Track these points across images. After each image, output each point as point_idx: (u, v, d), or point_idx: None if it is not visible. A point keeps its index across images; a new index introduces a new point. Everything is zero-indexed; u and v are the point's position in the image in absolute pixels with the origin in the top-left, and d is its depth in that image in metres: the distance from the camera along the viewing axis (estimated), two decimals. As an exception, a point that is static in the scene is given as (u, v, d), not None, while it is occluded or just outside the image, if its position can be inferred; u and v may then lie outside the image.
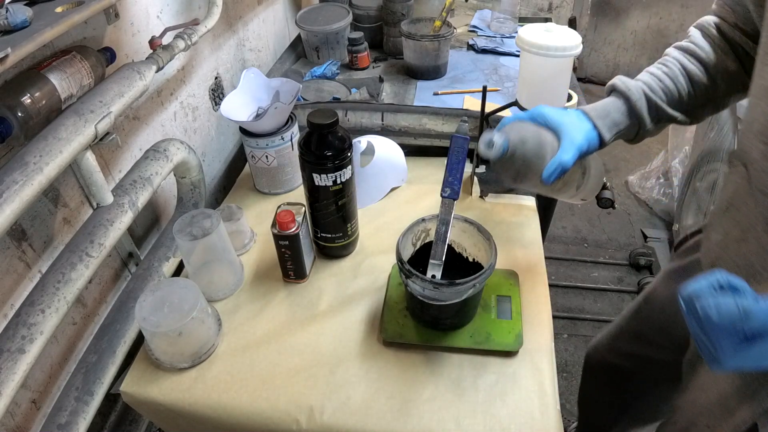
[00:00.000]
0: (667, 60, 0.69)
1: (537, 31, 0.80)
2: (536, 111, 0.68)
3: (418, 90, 1.30)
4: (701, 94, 0.68)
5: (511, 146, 0.63)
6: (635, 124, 0.68)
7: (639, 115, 0.67)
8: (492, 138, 0.62)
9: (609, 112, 0.68)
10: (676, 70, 0.68)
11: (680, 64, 0.68)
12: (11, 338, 0.61)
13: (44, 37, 0.58)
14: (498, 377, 0.72)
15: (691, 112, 0.69)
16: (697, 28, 0.70)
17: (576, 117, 0.67)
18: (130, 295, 0.83)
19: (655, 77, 0.68)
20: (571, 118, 0.66)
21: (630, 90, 0.67)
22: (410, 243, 0.77)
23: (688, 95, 0.68)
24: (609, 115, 0.67)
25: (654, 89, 0.67)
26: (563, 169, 0.63)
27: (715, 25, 0.68)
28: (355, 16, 1.45)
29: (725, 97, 0.69)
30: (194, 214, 0.81)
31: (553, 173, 0.63)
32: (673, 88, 0.67)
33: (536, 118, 0.67)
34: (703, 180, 1.82)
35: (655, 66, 0.70)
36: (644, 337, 0.92)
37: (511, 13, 1.55)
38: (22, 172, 0.59)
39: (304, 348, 0.77)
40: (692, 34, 0.70)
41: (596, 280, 1.91)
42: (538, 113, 0.67)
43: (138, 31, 0.90)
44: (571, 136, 0.64)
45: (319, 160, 0.78)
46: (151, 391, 0.73)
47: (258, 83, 1.05)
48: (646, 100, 0.67)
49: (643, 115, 0.67)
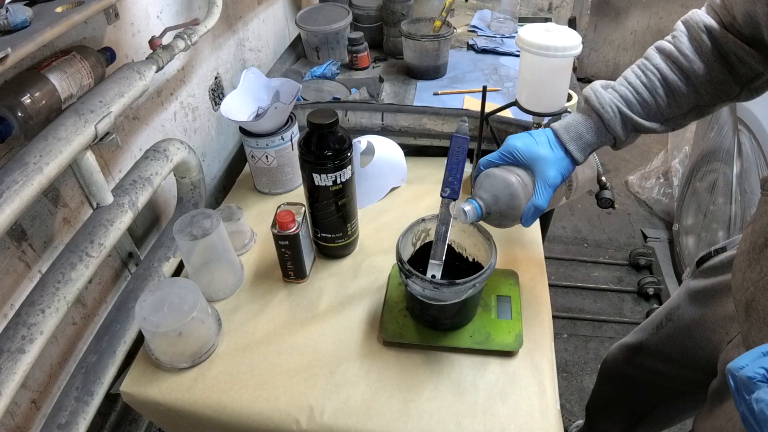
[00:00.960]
0: (647, 68, 0.65)
1: (537, 31, 0.80)
2: (505, 149, 0.68)
3: (418, 90, 1.30)
4: (683, 104, 0.65)
5: (485, 209, 0.66)
6: (610, 139, 0.67)
7: (613, 131, 0.66)
8: (464, 208, 0.65)
9: (581, 133, 0.66)
10: (656, 81, 0.64)
11: (660, 74, 0.64)
12: (11, 338, 0.61)
13: (44, 37, 0.58)
14: (498, 377, 0.72)
15: (671, 122, 0.67)
16: (685, 27, 0.64)
17: (548, 147, 0.66)
18: (130, 295, 0.83)
19: (631, 88, 0.65)
20: (543, 151, 0.66)
21: (603, 108, 0.65)
22: (410, 243, 0.77)
23: (667, 105, 0.65)
24: (581, 137, 0.66)
25: (630, 103, 0.65)
26: (540, 211, 0.66)
27: (705, 28, 0.62)
28: (355, 16, 1.45)
29: (710, 106, 0.65)
30: (194, 214, 0.81)
31: (531, 218, 0.66)
32: (651, 101, 0.64)
33: (507, 158, 0.68)
34: (703, 180, 1.82)
35: (633, 73, 0.66)
36: (667, 356, 0.89)
37: (511, 13, 1.55)
38: (22, 172, 0.59)
39: (304, 348, 0.77)
40: (678, 35, 0.64)
41: (596, 280, 1.91)
42: (507, 152, 0.68)
43: (138, 31, 0.90)
44: (544, 175, 0.65)
45: (319, 160, 0.78)
46: (151, 391, 0.73)
47: (258, 83, 1.05)
48: (620, 117, 0.65)
49: (618, 132, 0.66)
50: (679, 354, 0.86)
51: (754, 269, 0.58)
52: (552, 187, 0.65)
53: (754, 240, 0.60)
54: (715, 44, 0.61)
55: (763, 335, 0.54)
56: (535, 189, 0.66)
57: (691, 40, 0.63)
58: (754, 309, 0.56)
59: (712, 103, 0.65)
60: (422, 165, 1.13)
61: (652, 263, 1.94)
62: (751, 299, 0.58)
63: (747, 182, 1.51)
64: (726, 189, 1.63)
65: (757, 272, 0.57)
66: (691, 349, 0.82)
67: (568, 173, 0.67)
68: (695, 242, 1.82)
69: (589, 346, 1.68)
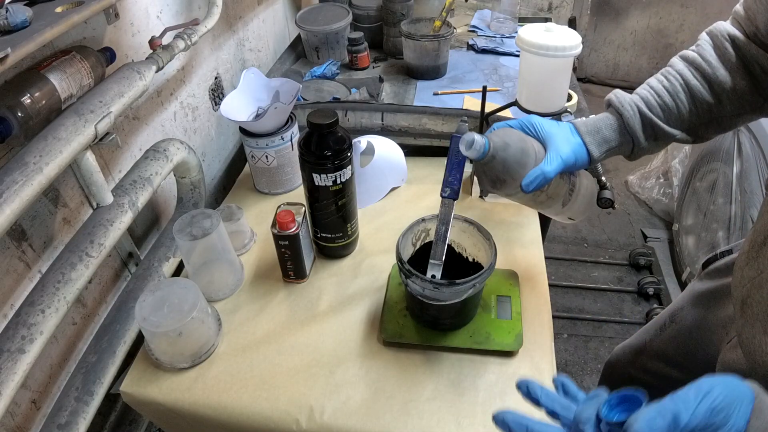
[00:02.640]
0: (670, 73, 0.65)
1: (537, 31, 0.80)
2: (527, 119, 0.67)
3: (418, 90, 1.30)
4: (704, 113, 0.64)
5: (492, 149, 0.61)
6: (629, 142, 0.66)
7: (632, 132, 0.65)
8: (474, 138, 0.60)
9: (600, 128, 0.66)
10: (678, 86, 0.63)
11: (683, 79, 0.63)
12: (11, 338, 0.61)
13: (44, 37, 0.58)
14: (498, 377, 0.72)
15: (692, 131, 0.65)
16: (709, 37, 0.64)
17: (567, 131, 0.66)
18: (130, 295, 0.83)
19: (653, 92, 0.64)
20: (562, 131, 0.65)
21: (623, 106, 0.64)
22: (410, 243, 0.77)
23: (689, 113, 0.64)
24: (600, 132, 0.66)
25: (651, 105, 0.64)
26: (545, 178, 0.61)
27: (729, 37, 0.62)
28: (355, 16, 1.45)
29: (732, 117, 0.64)
30: (194, 214, 0.81)
31: (533, 182, 0.61)
32: (673, 105, 0.63)
33: (526, 127, 0.66)
34: (703, 180, 1.82)
35: (656, 78, 0.66)
36: (669, 359, 0.89)
37: (511, 13, 1.55)
38: (22, 172, 0.59)
39: (304, 348, 0.77)
40: (702, 44, 0.64)
41: (596, 280, 1.91)
42: (528, 122, 0.66)
43: (138, 31, 0.90)
44: (558, 147, 0.63)
45: (319, 160, 0.78)
46: (151, 391, 0.73)
47: (258, 83, 1.05)
48: (640, 117, 0.64)
49: (637, 132, 0.65)
50: (681, 356, 0.85)
51: (751, 267, 0.59)
52: (564, 161, 0.62)
53: (754, 238, 0.60)
54: (738, 53, 0.61)
55: (755, 331, 0.54)
56: (546, 156, 0.63)
57: (714, 48, 0.63)
58: (749, 305, 0.57)
59: (735, 113, 0.63)
60: (422, 165, 1.13)
61: (652, 263, 1.94)
62: (746, 296, 0.58)
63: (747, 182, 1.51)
64: (726, 189, 1.64)
65: (754, 269, 0.58)
66: (692, 351, 0.82)
67: (581, 162, 0.65)
68: (695, 242, 1.82)
69: (589, 346, 1.68)
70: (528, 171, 0.61)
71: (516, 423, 0.42)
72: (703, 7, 2.81)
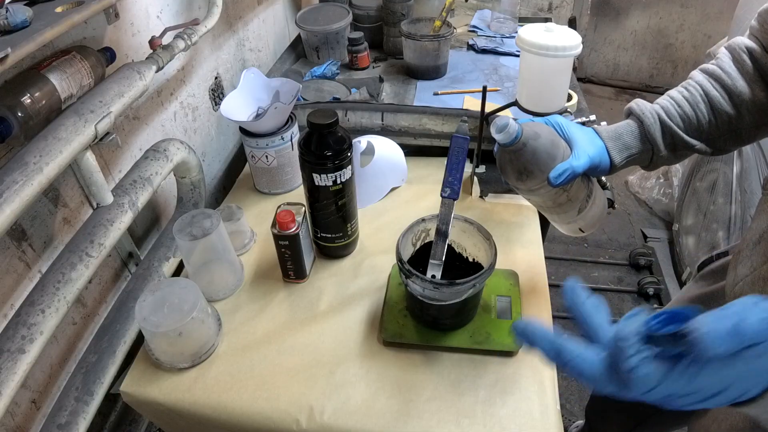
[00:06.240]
0: (690, 84, 0.66)
1: (537, 31, 0.80)
2: (552, 119, 0.67)
3: (418, 90, 1.30)
4: (723, 124, 0.64)
5: (525, 136, 0.59)
6: (648, 150, 0.66)
7: (652, 139, 0.65)
8: (508, 121, 0.58)
9: (621, 134, 0.66)
10: (698, 96, 0.64)
11: (702, 90, 0.64)
12: (11, 338, 0.61)
13: (44, 37, 0.58)
14: (498, 377, 0.72)
15: (712, 142, 0.65)
16: (728, 50, 0.65)
17: (591, 133, 0.66)
18: (130, 295, 0.83)
19: (673, 102, 0.65)
20: (586, 134, 0.66)
21: (644, 113, 0.65)
22: (410, 243, 0.77)
23: (708, 123, 0.64)
24: (620, 138, 0.66)
25: (671, 114, 0.65)
26: (573, 173, 0.60)
27: (747, 49, 0.63)
28: (355, 16, 1.45)
29: (751, 129, 0.64)
30: (194, 214, 0.81)
31: (561, 175, 0.60)
32: (692, 115, 0.64)
33: (551, 125, 0.66)
34: (703, 180, 1.82)
35: (676, 90, 0.67)
36: None
37: (511, 13, 1.55)
38: (22, 172, 0.59)
39: (304, 348, 0.77)
40: (721, 57, 0.65)
41: (596, 280, 1.91)
42: (554, 121, 0.66)
43: (138, 31, 0.90)
44: (583, 147, 0.63)
45: (319, 160, 0.78)
46: (151, 391, 0.73)
47: (258, 83, 1.05)
48: (660, 125, 0.65)
49: (657, 140, 0.65)
50: None
51: (745, 264, 0.59)
52: (591, 159, 0.62)
53: (749, 237, 0.60)
54: (756, 65, 0.62)
55: None
56: (573, 152, 0.63)
57: (733, 60, 0.64)
58: None
59: (754, 125, 0.64)
60: (422, 165, 1.13)
61: (652, 263, 1.94)
62: (739, 294, 0.58)
63: (747, 182, 1.51)
64: (726, 189, 1.64)
65: (748, 267, 0.58)
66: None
67: (603, 166, 0.65)
68: (695, 242, 1.82)
69: (589, 346, 1.68)
70: (556, 164, 0.61)
71: (545, 340, 0.37)
72: (703, 7, 2.81)
